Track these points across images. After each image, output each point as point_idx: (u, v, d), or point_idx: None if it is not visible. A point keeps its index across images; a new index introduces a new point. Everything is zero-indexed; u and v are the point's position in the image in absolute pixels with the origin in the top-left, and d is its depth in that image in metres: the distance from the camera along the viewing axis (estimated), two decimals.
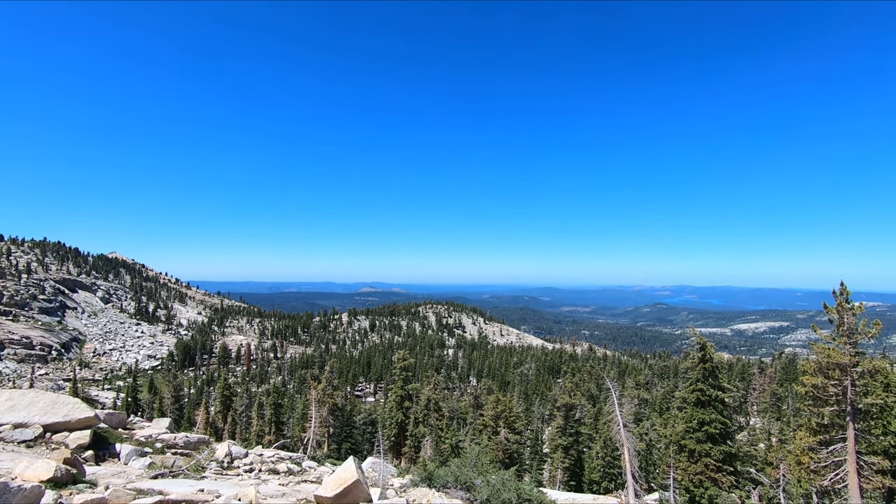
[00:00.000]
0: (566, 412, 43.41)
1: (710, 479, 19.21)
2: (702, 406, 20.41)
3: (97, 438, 15.78)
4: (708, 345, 21.28)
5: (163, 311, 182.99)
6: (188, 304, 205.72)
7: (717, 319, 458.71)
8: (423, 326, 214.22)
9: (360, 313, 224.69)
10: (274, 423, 50.78)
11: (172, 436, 19.26)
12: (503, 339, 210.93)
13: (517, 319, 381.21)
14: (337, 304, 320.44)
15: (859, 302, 18.06)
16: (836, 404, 17.60)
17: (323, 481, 13.47)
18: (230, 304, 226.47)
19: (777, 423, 63.98)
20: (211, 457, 17.86)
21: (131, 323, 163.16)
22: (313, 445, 41.17)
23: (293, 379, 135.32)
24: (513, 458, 41.40)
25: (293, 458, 22.21)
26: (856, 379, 17.25)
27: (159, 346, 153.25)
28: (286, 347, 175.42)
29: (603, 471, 40.82)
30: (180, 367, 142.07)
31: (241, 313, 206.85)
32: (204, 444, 19.66)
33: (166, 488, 11.67)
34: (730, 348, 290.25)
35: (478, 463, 20.88)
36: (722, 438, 19.95)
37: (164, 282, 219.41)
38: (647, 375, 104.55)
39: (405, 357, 49.56)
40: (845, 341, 17.18)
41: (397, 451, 47.83)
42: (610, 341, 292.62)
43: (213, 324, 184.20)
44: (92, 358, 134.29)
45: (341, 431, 50.36)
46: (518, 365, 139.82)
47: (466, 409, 59.56)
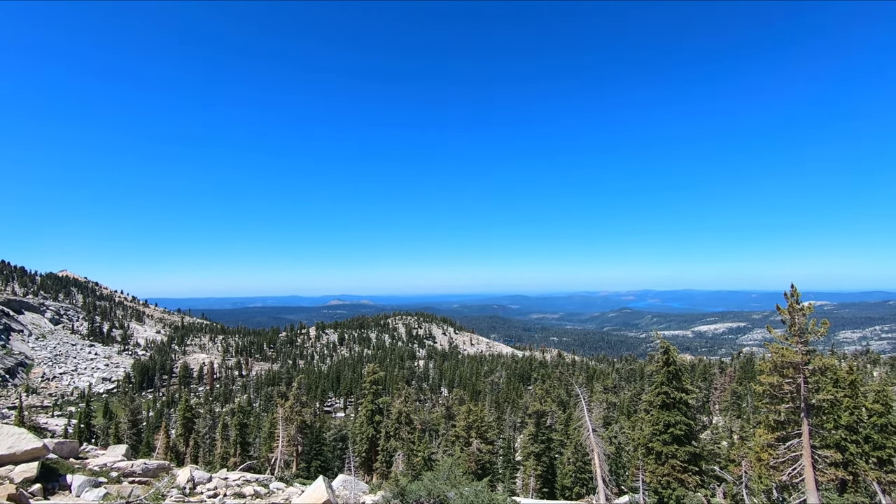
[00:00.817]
0: (537, 419, 43.70)
1: (677, 479, 19.69)
2: (667, 408, 20.98)
3: (46, 470, 14.80)
4: (671, 348, 21.95)
5: (118, 330, 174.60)
6: (146, 323, 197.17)
7: (679, 322, 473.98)
8: (392, 338, 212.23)
9: (329, 327, 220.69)
10: (239, 444, 48.98)
11: (129, 463, 18.27)
12: (473, 348, 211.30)
13: (487, 328, 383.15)
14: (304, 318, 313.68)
15: (808, 302, 19.07)
16: (791, 401, 18.43)
17: (291, 502, 13.07)
18: (192, 321, 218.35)
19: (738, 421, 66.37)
20: (172, 483, 17.03)
21: (84, 344, 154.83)
22: (281, 466, 39.92)
23: (259, 397, 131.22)
24: (486, 468, 41.29)
25: (260, 479, 21.42)
26: (808, 376, 18.14)
27: (115, 368, 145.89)
28: (251, 364, 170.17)
29: (575, 476, 41.21)
30: (138, 389, 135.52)
31: (203, 330, 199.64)
32: (164, 471, 18.74)
33: None
34: (691, 350, 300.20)
35: (451, 475, 20.69)
36: (687, 439, 20.52)
37: (119, 300, 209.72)
38: (614, 379, 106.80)
39: (375, 370, 48.88)
40: (797, 340, 18.07)
41: (368, 466, 46.94)
42: (578, 347, 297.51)
43: (173, 342, 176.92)
44: (40, 383, 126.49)
45: (310, 449, 49.03)
46: (489, 374, 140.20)
47: (438, 420, 59.18)
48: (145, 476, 17.74)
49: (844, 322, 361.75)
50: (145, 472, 17.99)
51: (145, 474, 17.88)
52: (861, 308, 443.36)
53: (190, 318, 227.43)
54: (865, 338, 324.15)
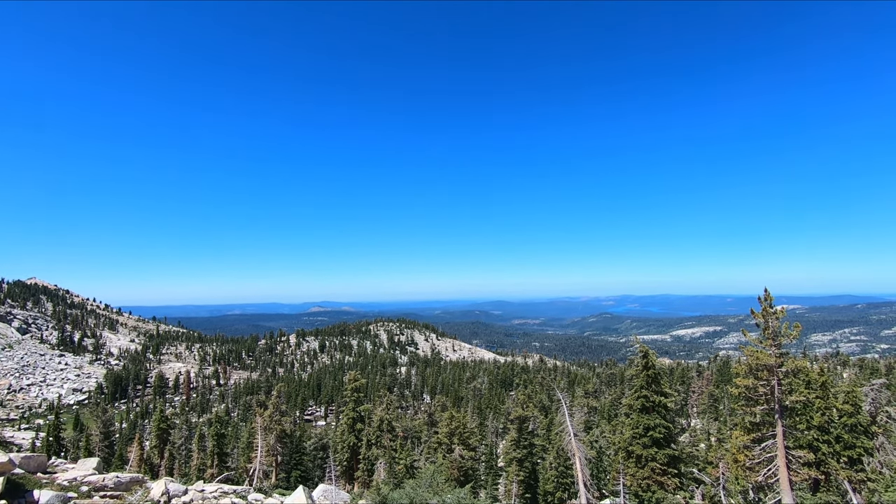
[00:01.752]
0: (520, 425, 43.76)
1: (657, 482, 19.93)
2: (647, 412, 21.25)
3: (11, 486, 14.25)
4: (650, 352, 22.29)
5: (90, 339, 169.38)
6: (120, 332, 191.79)
7: (658, 326, 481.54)
8: (374, 345, 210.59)
9: (309, 334, 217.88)
10: (217, 455, 47.84)
11: (101, 477, 17.69)
12: (456, 354, 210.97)
13: (469, 334, 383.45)
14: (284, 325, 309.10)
15: (781, 306, 19.58)
16: (765, 403, 18.87)
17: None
18: (167, 329, 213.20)
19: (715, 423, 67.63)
20: (145, 497, 16.55)
21: (53, 354, 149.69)
22: (260, 476, 39.13)
23: (238, 406, 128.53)
24: (468, 474, 41.12)
25: (238, 491, 20.97)
26: (781, 378, 18.61)
27: (86, 379, 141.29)
28: (230, 373, 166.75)
29: (557, 481, 41.33)
30: (111, 400, 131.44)
31: (179, 339, 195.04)
32: (138, 484, 18.20)
33: None
34: (670, 353, 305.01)
35: (433, 483, 20.58)
36: (666, 442, 20.81)
37: (91, 308, 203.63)
38: (595, 384, 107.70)
39: (356, 377, 48.40)
40: (771, 343, 18.54)
41: (350, 475, 46.33)
42: (559, 352, 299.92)
43: (147, 351, 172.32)
44: (7, 395, 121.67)
45: (290, 459, 48.17)
46: (471, 380, 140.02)
47: (421, 427, 58.78)
48: (118, 490, 17.20)
49: (815, 325, 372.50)
50: (118, 486, 17.45)
51: (118, 488, 17.34)
52: (831, 312, 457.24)
53: (165, 326, 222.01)
54: (835, 340, 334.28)
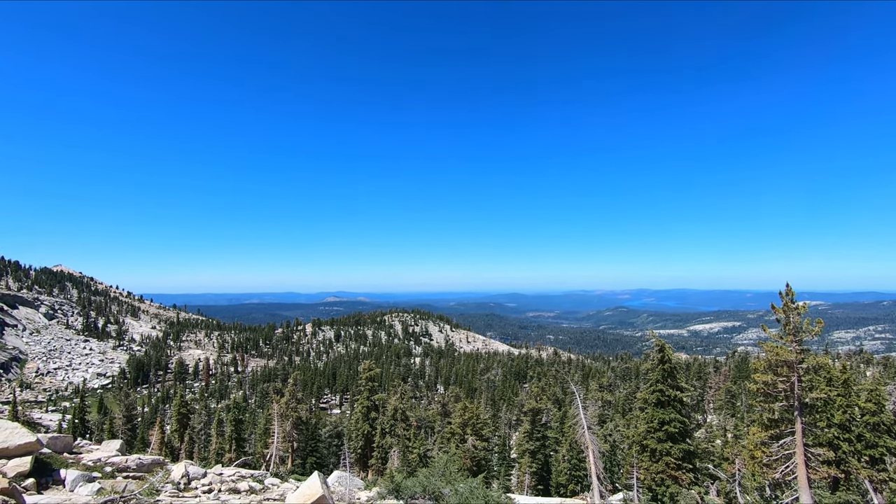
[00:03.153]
0: (533, 417, 43.82)
1: (671, 477, 19.79)
2: (662, 406, 21.06)
3: (39, 465, 14.75)
4: (666, 346, 22.03)
5: (113, 326, 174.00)
6: (141, 319, 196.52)
7: (675, 321, 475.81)
8: (389, 335, 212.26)
9: (325, 323, 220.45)
10: (234, 440, 48.94)
11: (124, 458, 18.23)
12: (470, 345, 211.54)
13: (483, 326, 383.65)
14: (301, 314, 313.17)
15: (803, 302, 19.15)
16: (784, 400, 18.54)
17: (286, 498, 13.07)
18: (187, 317, 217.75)
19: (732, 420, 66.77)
20: (166, 479, 17.01)
21: (78, 339, 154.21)
22: (276, 461, 39.91)
23: (255, 393, 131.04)
24: (481, 465, 41.38)
25: (255, 475, 21.43)
26: (802, 375, 18.24)
27: (110, 364, 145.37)
28: (247, 361, 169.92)
29: (569, 473, 41.36)
30: (133, 385, 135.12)
31: (199, 326, 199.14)
32: (158, 466, 18.72)
33: None
34: (686, 349, 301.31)
35: (446, 472, 20.74)
36: (681, 437, 20.62)
37: (114, 295, 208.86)
38: (609, 378, 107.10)
39: (371, 367, 48.88)
40: (791, 339, 18.16)
41: (364, 463, 46.98)
42: (574, 345, 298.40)
43: (168, 338, 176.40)
44: (34, 378, 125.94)
45: (306, 446, 49.04)
46: (485, 371, 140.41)
47: (434, 417, 59.24)
48: (139, 471, 17.70)
49: (838, 322, 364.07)
50: (139, 468, 17.95)
51: (139, 469, 17.84)
52: (855, 308, 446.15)
53: (185, 313, 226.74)
54: (859, 338, 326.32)
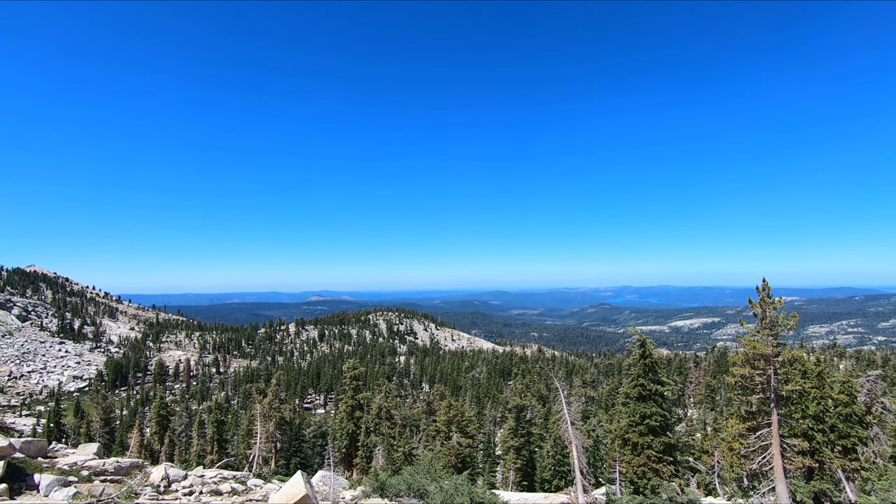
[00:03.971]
0: (517, 413, 44.13)
1: (653, 469, 20.12)
2: (643, 400, 21.40)
3: (12, 470, 14.35)
4: (647, 342, 22.39)
5: (90, 327, 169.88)
6: (119, 320, 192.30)
7: (656, 318, 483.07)
8: (373, 334, 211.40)
9: (309, 323, 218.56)
10: (216, 442, 48.23)
11: (101, 462, 17.83)
12: (455, 343, 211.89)
13: (468, 324, 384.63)
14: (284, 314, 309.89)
15: (779, 297, 19.62)
16: (761, 392, 19.00)
17: (269, 498, 12.93)
18: (167, 317, 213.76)
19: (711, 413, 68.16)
20: (145, 481, 16.69)
21: (53, 342, 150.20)
22: (259, 462, 39.48)
23: (237, 394, 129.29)
24: (466, 462, 41.52)
25: (237, 477, 21.17)
26: (778, 368, 18.71)
27: (86, 366, 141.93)
28: (230, 361, 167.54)
29: (554, 469, 41.78)
30: (111, 387, 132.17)
31: (179, 327, 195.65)
32: (137, 469, 18.34)
33: None
34: (668, 344, 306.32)
35: (431, 469, 20.78)
36: (662, 430, 20.98)
37: (91, 296, 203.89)
38: (593, 374, 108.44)
39: (355, 366, 48.65)
40: (768, 333, 18.61)
41: (349, 462, 46.76)
42: (558, 342, 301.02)
43: (147, 339, 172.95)
44: (7, 382, 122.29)
45: (290, 446, 48.60)
46: (470, 369, 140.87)
47: (419, 415, 59.20)
48: (118, 474, 17.33)
49: (813, 317, 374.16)
50: (118, 471, 17.57)
51: (118, 473, 17.47)
52: (829, 304, 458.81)
53: (165, 314, 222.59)
54: (833, 332, 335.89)
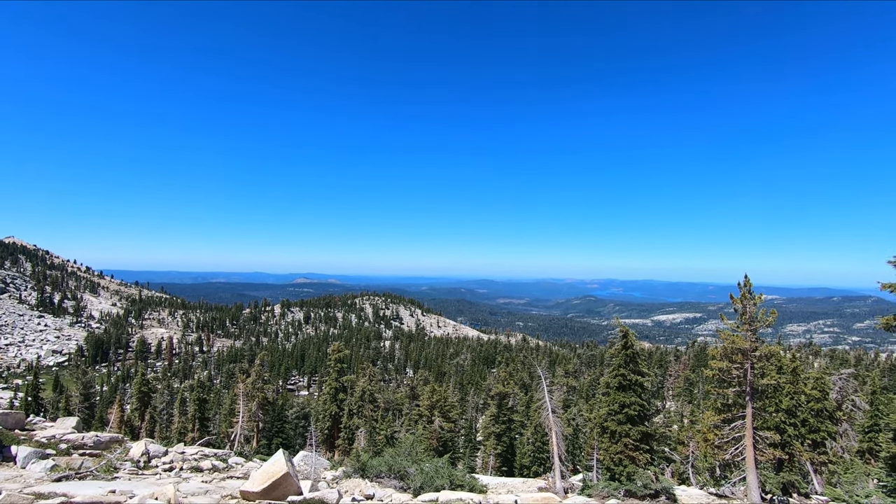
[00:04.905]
0: (499, 401, 44.66)
1: (629, 457, 20.59)
2: (623, 390, 21.80)
3: None
4: (630, 333, 22.75)
5: (71, 302, 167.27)
6: (101, 295, 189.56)
7: (640, 311, 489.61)
8: (359, 318, 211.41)
9: (294, 305, 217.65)
10: (198, 420, 48.18)
11: (80, 436, 17.72)
12: (440, 330, 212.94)
13: (454, 311, 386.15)
14: (269, 295, 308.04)
15: (760, 294, 20.01)
16: (738, 385, 19.47)
17: (250, 476, 12.97)
18: (150, 294, 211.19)
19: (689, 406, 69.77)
20: (125, 456, 16.64)
21: (32, 315, 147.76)
22: (241, 441, 39.55)
23: (220, 374, 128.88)
24: (447, 446, 42.05)
25: (218, 454, 21.20)
26: (755, 362, 19.15)
27: (66, 341, 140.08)
28: (213, 341, 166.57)
29: (533, 455, 42.50)
30: (91, 362, 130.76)
31: (162, 305, 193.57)
32: (117, 444, 18.28)
33: (71, 491, 10.74)
34: (650, 338, 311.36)
35: (412, 452, 21.03)
36: (640, 420, 21.44)
37: (72, 270, 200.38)
38: (575, 364, 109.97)
39: (340, 348, 48.70)
40: (747, 328, 19.01)
41: (331, 444, 47.06)
42: (542, 332, 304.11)
43: (129, 316, 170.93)
44: None
45: (272, 426, 48.69)
46: (454, 356, 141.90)
47: (402, 399, 59.64)
48: (97, 448, 17.26)
49: (792, 316, 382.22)
50: (97, 445, 17.49)
51: (97, 447, 17.39)
52: (807, 303, 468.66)
53: (148, 291, 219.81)
54: (810, 331, 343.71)
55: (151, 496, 10.26)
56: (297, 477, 13.21)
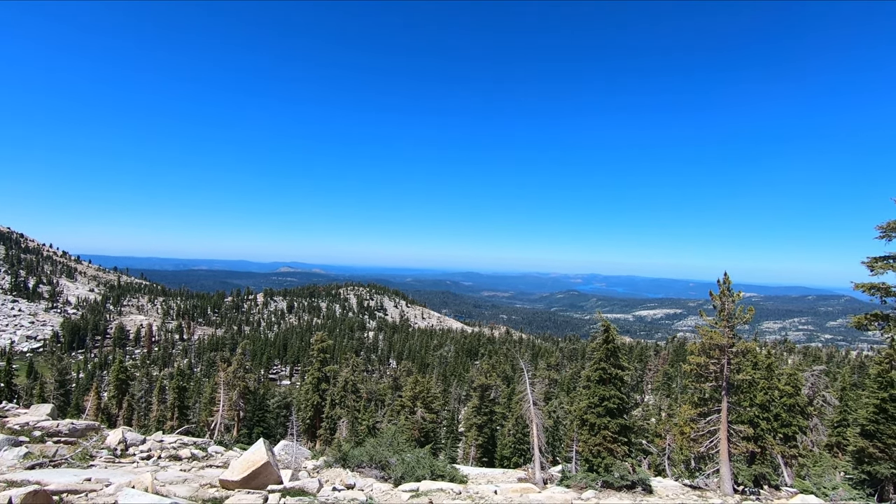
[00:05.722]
0: (482, 392, 44.99)
1: (608, 449, 20.97)
2: (603, 383, 22.14)
3: None
4: (611, 327, 23.08)
5: (46, 287, 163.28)
6: (78, 280, 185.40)
7: (622, 306, 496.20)
8: (343, 308, 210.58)
9: (278, 294, 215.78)
10: (177, 408, 47.63)
11: (55, 423, 17.40)
12: (424, 322, 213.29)
13: (439, 303, 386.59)
14: (252, 283, 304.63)
15: (739, 291, 20.43)
16: (714, 380, 19.93)
17: (230, 465, 12.90)
18: (129, 280, 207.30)
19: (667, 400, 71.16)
20: (101, 444, 16.39)
21: (6, 300, 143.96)
22: (221, 430, 39.26)
23: (201, 362, 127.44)
24: (429, 436, 42.28)
25: (198, 443, 21.02)
26: (731, 358, 19.60)
27: (41, 327, 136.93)
28: (194, 329, 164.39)
29: (514, 447, 43.01)
30: (67, 349, 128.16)
31: (142, 291, 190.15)
32: (93, 431, 17.99)
33: (45, 478, 10.55)
34: (631, 333, 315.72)
35: (394, 442, 21.10)
36: (619, 413, 21.83)
37: (48, 254, 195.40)
38: (557, 357, 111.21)
39: (323, 338, 48.49)
40: (725, 325, 19.43)
41: (312, 433, 46.98)
42: (526, 325, 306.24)
43: (108, 302, 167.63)
44: None
45: (253, 416, 48.36)
46: (438, 347, 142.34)
47: (385, 390, 59.73)
48: (72, 436, 16.96)
49: (768, 313, 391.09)
50: (72, 433, 17.20)
51: (72, 434, 17.10)
52: (784, 301, 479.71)
53: (128, 277, 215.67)
54: (785, 328, 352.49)
55: (128, 484, 10.14)
56: (277, 466, 13.17)
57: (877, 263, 20.28)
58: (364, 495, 13.46)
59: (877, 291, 20.76)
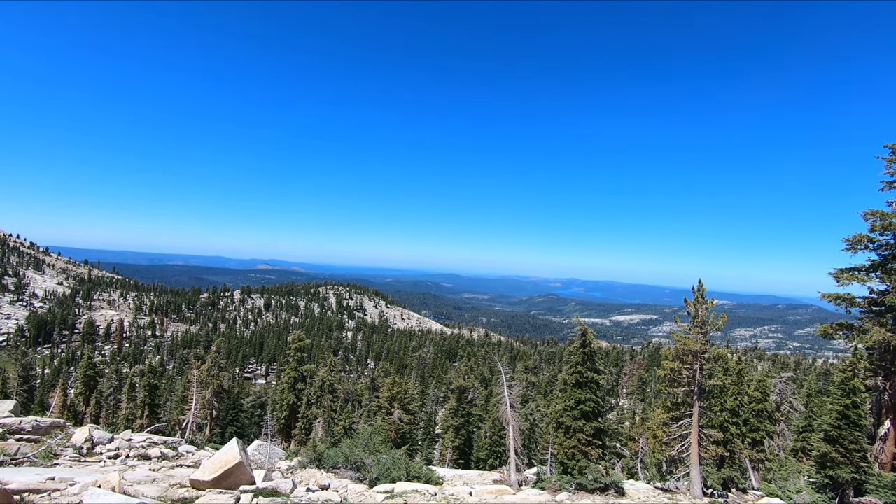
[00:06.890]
0: (459, 394, 45.06)
1: (582, 452, 21.22)
2: (580, 387, 22.41)
3: None
4: (588, 331, 23.38)
5: (12, 278, 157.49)
6: (46, 273, 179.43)
7: (600, 311, 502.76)
8: (322, 308, 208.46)
9: (255, 291, 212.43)
10: (148, 406, 46.44)
11: (17, 420, 16.79)
12: (404, 322, 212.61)
13: (419, 304, 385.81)
14: (229, 280, 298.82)
15: (712, 298, 20.95)
16: (687, 385, 20.37)
17: (201, 465, 12.64)
18: (100, 274, 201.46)
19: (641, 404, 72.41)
20: (66, 442, 15.89)
21: None
22: (192, 429, 38.44)
23: (174, 359, 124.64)
24: (406, 438, 42.15)
25: (168, 442, 20.53)
26: (704, 364, 20.07)
27: (5, 320, 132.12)
28: (167, 325, 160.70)
29: (490, 449, 43.17)
30: (33, 344, 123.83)
31: (113, 285, 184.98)
32: (58, 429, 17.42)
33: (6, 477, 10.18)
34: (608, 337, 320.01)
35: (370, 443, 20.98)
36: (594, 416, 22.12)
37: (14, 245, 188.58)
38: (535, 361, 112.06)
39: (301, 337, 47.94)
40: (698, 331, 19.89)
41: (287, 433, 46.37)
42: (505, 328, 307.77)
43: (77, 296, 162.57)
44: None
45: (226, 415, 47.50)
46: (417, 349, 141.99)
47: (363, 391, 59.37)
48: (36, 434, 16.40)
49: (740, 321, 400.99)
50: (36, 430, 16.63)
51: (36, 432, 16.53)
52: (755, 309, 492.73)
53: (99, 270, 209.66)
54: (756, 336, 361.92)
55: (94, 484, 9.85)
56: (250, 466, 12.96)
57: (843, 275, 21.08)
58: (339, 496, 13.34)
59: (842, 302, 21.58)
